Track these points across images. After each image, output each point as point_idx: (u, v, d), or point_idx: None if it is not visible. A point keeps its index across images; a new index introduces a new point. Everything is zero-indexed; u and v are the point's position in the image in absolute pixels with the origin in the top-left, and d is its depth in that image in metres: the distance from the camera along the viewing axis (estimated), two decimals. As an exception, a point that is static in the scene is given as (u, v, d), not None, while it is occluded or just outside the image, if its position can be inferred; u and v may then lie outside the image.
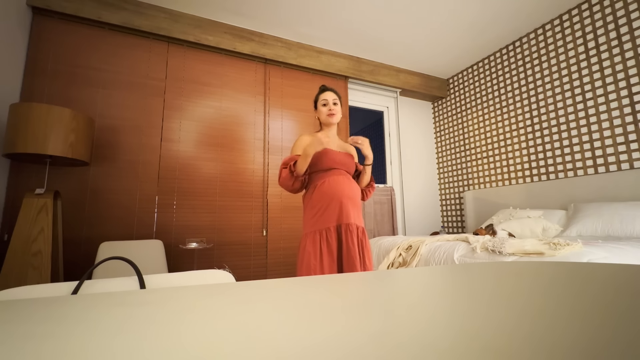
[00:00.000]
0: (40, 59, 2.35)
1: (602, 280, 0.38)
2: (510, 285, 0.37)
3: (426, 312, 0.27)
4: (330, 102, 1.55)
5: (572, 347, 0.18)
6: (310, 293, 0.36)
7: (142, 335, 0.22)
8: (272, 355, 0.18)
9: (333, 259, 1.38)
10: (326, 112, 1.54)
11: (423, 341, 0.19)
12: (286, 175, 1.43)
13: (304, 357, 0.17)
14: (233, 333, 0.22)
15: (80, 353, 0.19)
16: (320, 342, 0.19)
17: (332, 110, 1.54)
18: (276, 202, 2.99)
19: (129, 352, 0.19)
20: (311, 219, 1.44)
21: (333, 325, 0.23)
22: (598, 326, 0.21)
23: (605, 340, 0.19)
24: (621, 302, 0.28)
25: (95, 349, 0.19)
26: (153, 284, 0.62)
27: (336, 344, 0.19)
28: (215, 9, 2.80)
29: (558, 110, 2.92)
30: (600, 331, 0.20)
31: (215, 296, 0.35)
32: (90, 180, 2.37)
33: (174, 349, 0.19)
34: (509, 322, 0.23)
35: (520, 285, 0.37)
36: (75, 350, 0.19)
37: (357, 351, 0.18)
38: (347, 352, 0.18)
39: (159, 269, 2.22)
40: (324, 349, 0.18)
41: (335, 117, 1.55)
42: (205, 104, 2.86)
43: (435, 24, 3.08)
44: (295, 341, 0.20)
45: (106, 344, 0.20)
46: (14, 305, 0.32)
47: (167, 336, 0.22)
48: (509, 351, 0.17)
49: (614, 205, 2.28)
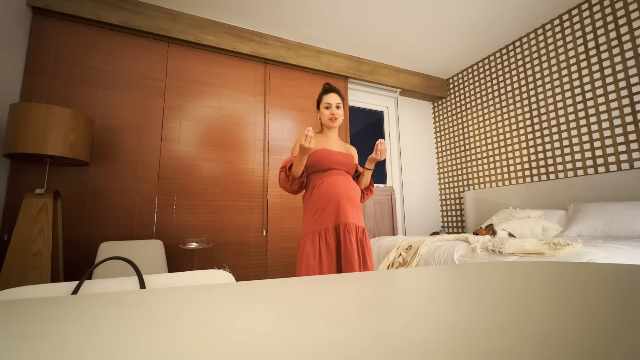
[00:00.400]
0: (40, 59, 2.35)
1: (602, 280, 0.38)
2: (510, 286, 0.37)
3: (426, 312, 0.27)
4: (333, 105, 1.54)
5: (574, 347, 0.17)
6: (310, 293, 0.36)
7: (142, 335, 0.22)
8: (272, 355, 0.18)
9: (332, 259, 1.38)
10: (328, 116, 1.54)
11: (423, 341, 0.19)
12: (283, 178, 1.47)
13: (304, 357, 0.17)
14: (233, 333, 0.22)
15: (79, 353, 0.19)
16: (320, 342, 0.19)
17: (335, 114, 1.54)
18: (276, 202, 2.99)
19: (129, 352, 0.19)
20: (310, 219, 1.44)
21: (333, 325, 0.23)
22: (599, 326, 0.21)
23: (607, 341, 0.19)
24: (621, 302, 0.28)
25: (95, 349, 0.19)
26: (153, 284, 0.62)
27: (336, 344, 0.19)
28: (215, 9, 2.80)
29: (558, 110, 2.91)
30: (602, 331, 0.20)
31: (215, 296, 0.35)
32: (90, 180, 2.37)
33: (173, 349, 0.19)
34: (509, 322, 0.23)
35: (521, 286, 0.37)
36: (74, 350, 0.19)
37: (357, 351, 0.18)
38: (348, 352, 0.18)
39: (159, 269, 2.22)
40: (325, 349, 0.18)
41: (337, 121, 1.55)
42: (205, 104, 2.86)
43: (435, 24, 3.08)
44: (295, 341, 0.20)
45: (106, 343, 0.20)
46: (14, 305, 0.32)
47: (167, 336, 0.22)
48: (510, 351, 0.17)
49: (614, 205, 2.28)
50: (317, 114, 1.62)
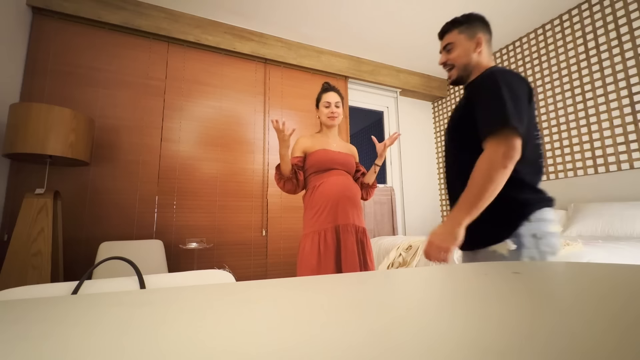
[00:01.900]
0: (40, 59, 2.35)
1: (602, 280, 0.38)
2: (510, 285, 0.37)
3: (426, 313, 0.27)
4: (332, 104, 1.54)
5: (573, 347, 0.18)
6: (310, 293, 0.36)
7: (142, 336, 0.22)
8: (272, 355, 0.18)
9: (331, 259, 1.38)
10: (327, 114, 1.54)
11: (423, 342, 0.19)
12: (276, 177, 1.50)
13: (304, 357, 0.17)
14: (233, 333, 0.22)
15: (79, 353, 0.19)
16: (320, 342, 0.19)
17: (334, 113, 1.54)
18: (276, 202, 2.99)
19: (129, 352, 0.19)
20: (310, 219, 1.44)
21: (334, 325, 0.23)
22: (599, 327, 0.21)
23: (607, 341, 0.19)
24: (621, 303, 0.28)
25: (95, 349, 0.19)
26: (153, 284, 0.62)
27: (337, 345, 0.19)
28: (215, 9, 2.80)
29: (558, 110, 2.91)
30: (602, 332, 0.20)
31: (215, 296, 0.35)
32: (90, 180, 2.37)
33: (173, 349, 0.19)
34: (508, 322, 0.23)
35: (520, 285, 0.37)
36: (75, 351, 0.19)
37: (358, 352, 0.18)
38: (348, 353, 0.18)
39: (159, 269, 2.22)
40: (325, 349, 0.18)
41: (337, 120, 1.55)
42: (205, 104, 2.86)
43: (435, 24, 3.07)
44: (295, 341, 0.20)
45: (106, 344, 0.20)
46: (14, 305, 0.32)
47: (167, 336, 0.22)
48: (509, 352, 0.17)
49: (614, 205, 2.28)
50: (316, 113, 1.62)
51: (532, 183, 0.93)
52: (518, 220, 0.88)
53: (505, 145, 0.83)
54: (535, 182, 0.94)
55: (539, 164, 0.96)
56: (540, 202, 0.90)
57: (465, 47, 1.05)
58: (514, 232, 0.87)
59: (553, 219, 0.90)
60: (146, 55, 2.69)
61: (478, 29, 1.07)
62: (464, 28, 1.07)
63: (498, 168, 0.83)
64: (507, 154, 0.83)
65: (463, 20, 1.09)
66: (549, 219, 0.90)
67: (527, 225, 0.87)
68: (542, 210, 0.89)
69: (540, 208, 0.89)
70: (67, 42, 2.44)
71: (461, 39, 1.06)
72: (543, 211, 0.89)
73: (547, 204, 0.91)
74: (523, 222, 0.87)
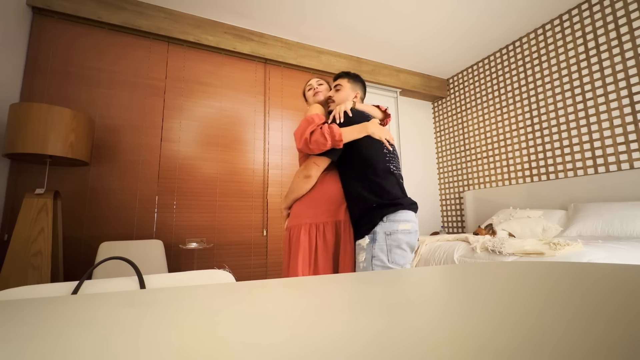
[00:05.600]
0: (40, 59, 2.35)
1: (602, 280, 0.38)
2: (510, 286, 0.37)
3: (426, 313, 0.27)
4: (314, 85, 1.53)
5: (573, 348, 0.18)
6: (310, 293, 0.36)
7: (142, 336, 0.22)
8: (272, 355, 0.18)
9: (329, 256, 1.29)
10: (312, 95, 1.53)
11: (423, 342, 0.19)
12: (319, 136, 1.19)
13: (304, 357, 0.17)
14: (233, 333, 0.22)
15: (79, 353, 0.19)
16: (321, 343, 0.19)
17: (316, 89, 1.52)
18: (276, 202, 2.99)
19: (129, 352, 0.19)
20: (308, 208, 1.32)
21: (334, 325, 0.23)
22: (599, 327, 0.21)
23: (607, 341, 0.19)
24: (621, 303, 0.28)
25: (95, 349, 0.19)
26: (153, 284, 0.62)
27: (337, 345, 0.19)
28: (215, 9, 2.80)
29: (558, 110, 2.91)
30: (602, 332, 0.20)
31: (215, 296, 0.35)
32: (90, 180, 2.37)
33: (174, 349, 0.19)
34: (508, 322, 0.23)
35: (520, 286, 0.37)
36: (74, 351, 0.19)
37: (358, 352, 0.18)
38: (349, 353, 0.18)
39: (159, 269, 2.22)
40: (325, 349, 0.18)
41: (320, 94, 1.52)
42: (205, 104, 2.86)
43: (435, 24, 3.08)
44: (295, 341, 0.20)
45: (106, 344, 0.20)
46: (14, 305, 0.32)
47: (167, 336, 0.22)
48: (509, 352, 0.17)
49: (614, 205, 2.28)
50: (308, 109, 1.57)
51: (391, 191, 1.18)
52: (375, 221, 1.14)
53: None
54: (393, 190, 1.19)
55: (396, 176, 1.24)
56: (395, 207, 1.14)
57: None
58: (372, 230, 1.13)
59: (406, 220, 1.14)
60: (146, 55, 2.69)
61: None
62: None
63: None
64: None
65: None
66: (400, 220, 1.14)
67: (381, 224, 1.13)
68: (396, 213, 1.14)
69: (394, 212, 1.13)
70: (67, 42, 2.45)
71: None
72: (397, 214, 1.14)
73: (402, 207, 1.15)
74: (378, 222, 1.13)
